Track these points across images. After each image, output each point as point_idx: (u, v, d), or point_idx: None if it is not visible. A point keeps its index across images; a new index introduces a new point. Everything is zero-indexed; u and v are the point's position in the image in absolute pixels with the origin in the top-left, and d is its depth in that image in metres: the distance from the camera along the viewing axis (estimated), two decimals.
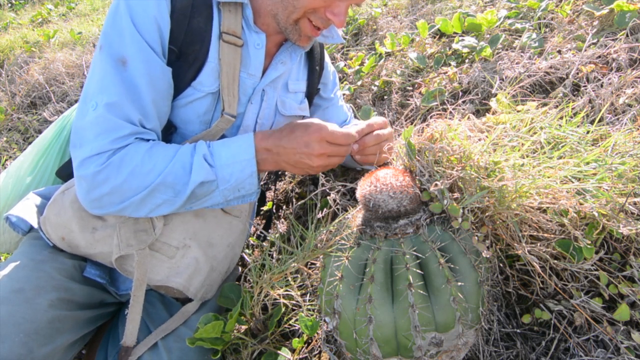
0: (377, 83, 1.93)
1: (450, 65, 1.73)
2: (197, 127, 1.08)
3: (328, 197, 1.46)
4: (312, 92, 1.31)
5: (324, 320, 0.87)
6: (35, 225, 1.10)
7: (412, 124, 1.61)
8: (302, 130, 0.97)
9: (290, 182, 1.74)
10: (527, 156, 0.87)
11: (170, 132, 1.08)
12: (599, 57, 1.38)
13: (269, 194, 1.70)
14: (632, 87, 1.21)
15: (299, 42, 1.07)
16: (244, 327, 1.11)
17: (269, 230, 1.57)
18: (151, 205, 0.95)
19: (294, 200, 1.66)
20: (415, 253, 0.77)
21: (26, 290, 0.96)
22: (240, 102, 1.10)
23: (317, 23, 1.01)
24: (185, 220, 1.06)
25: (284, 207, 1.70)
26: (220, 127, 1.07)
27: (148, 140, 0.96)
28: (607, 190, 0.81)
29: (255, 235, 1.57)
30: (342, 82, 2.10)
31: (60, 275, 1.03)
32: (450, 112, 1.45)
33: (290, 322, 1.10)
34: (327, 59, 1.37)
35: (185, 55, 1.00)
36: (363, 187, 0.82)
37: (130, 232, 1.02)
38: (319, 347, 1.05)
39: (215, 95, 1.06)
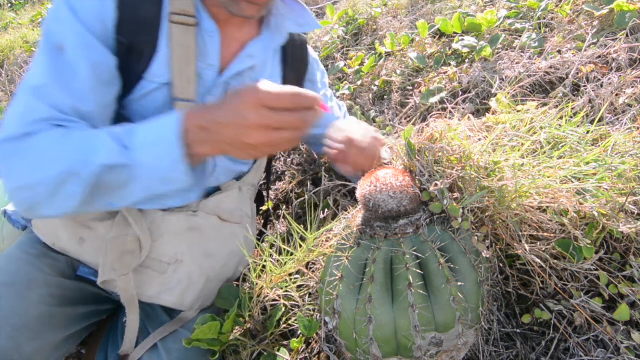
0: (377, 83, 1.93)
1: (450, 65, 1.73)
2: None
3: (328, 198, 1.46)
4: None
5: (324, 320, 0.87)
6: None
7: (412, 123, 1.61)
8: (237, 95, 0.74)
9: (290, 182, 1.74)
10: (527, 156, 0.87)
11: None
12: (599, 57, 1.38)
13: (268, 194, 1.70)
14: (632, 87, 1.21)
15: (242, 10, 0.92)
16: (243, 328, 1.11)
17: (267, 227, 1.57)
18: (61, 201, 0.79)
19: (293, 200, 1.66)
20: (415, 253, 0.77)
21: (17, 284, 0.95)
22: (199, 93, 0.99)
23: None
24: (178, 235, 1.02)
25: (284, 207, 1.70)
26: None
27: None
28: (607, 190, 0.81)
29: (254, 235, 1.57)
30: (342, 82, 2.10)
31: (52, 271, 1.02)
32: (450, 112, 1.45)
33: (290, 323, 1.10)
34: (312, 55, 1.27)
35: (136, 46, 0.93)
36: (363, 187, 0.82)
37: (116, 253, 0.97)
38: (319, 347, 1.05)
39: (170, 86, 0.97)
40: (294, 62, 1.18)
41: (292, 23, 1.08)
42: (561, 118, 0.98)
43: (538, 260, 0.82)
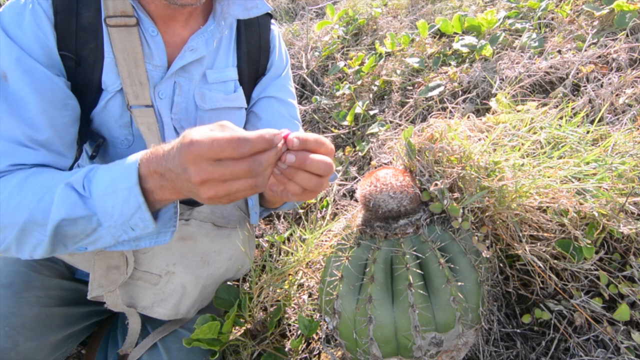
0: (377, 83, 1.93)
1: (450, 65, 1.73)
2: (119, 133, 0.97)
3: (328, 198, 1.46)
4: (251, 81, 1.11)
5: (324, 320, 0.87)
6: None
7: (412, 123, 1.61)
8: (177, 146, 0.66)
9: None
10: (527, 156, 0.87)
11: (98, 144, 0.98)
12: (599, 57, 1.38)
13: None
14: (632, 87, 1.21)
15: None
16: (243, 328, 1.11)
17: (267, 227, 1.57)
18: (29, 246, 0.79)
19: None
20: (415, 253, 0.77)
21: (15, 285, 0.95)
22: (152, 96, 0.96)
23: None
24: (169, 246, 0.99)
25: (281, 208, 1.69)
26: (144, 122, 0.94)
27: (29, 166, 0.83)
28: (607, 190, 0.81)
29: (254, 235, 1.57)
30: (342, 82, 2.10)
31: (50, 272, 1.02)
32: (450, 112, 1.45)
33: (290, 323, 1.10)
34: (275, 42, 1.15)
35: (84, 58, 0.90)
36: (363, 187, 0.82)
37: (103, 268, 0.96)
38: (319, 347, 1.05)
39: (123, 92, 0.93)
40: (249, 49, 1.09)
41: (238, 8, 1.02)
42: (561, 118, 0.98)
43: (538, 261, 0.82)
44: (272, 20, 1.15)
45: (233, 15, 1.02)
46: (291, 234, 1.42)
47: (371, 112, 1.83)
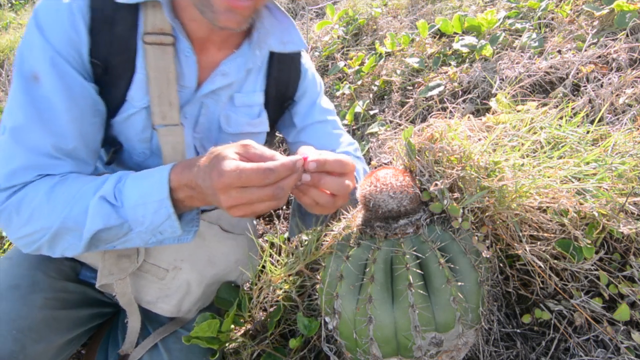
0: (377, 83, 1.93)
1: (450, 65, 1.73)
2: (138, 145, 0.98)
3: None
4: (277, 105, 1.12)
5: (324, 320, 0.87)
6: None
7: (412, 123, 1.61)
8: (207, 170, 0.73)
9: None
10: (527, 156, 0.87)
11: (116, 150, 0.99)
12: (599, 57, 1.38)
13: None
14: (632, 87, 1.21)
15: (220, 21, 0.84)
16: (243, 328, 1.11)
17: (268, 227, 1.57)
18: (61, 248, 0.85)
19: (294, 200, 1.66)
20: (415, 253, 0.77)
21: (22, 287, 0.95)
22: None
23: None
24: None
25: (284, 207, 1.70)
26: (169, 141, 0.95)
27: (56, 174, 0.86)
28: (607, 190, 0.81)
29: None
30: (342, 82, 2.10)
31: (56, 274, 1.02)
32: (450, 112, 1.46)
33: (290, 323, 1.10)
34: (306, 66, 1.16)
35: (112, 68, 0.90)
36: (363, 187, 0.82)
37: (113, 257, 0.97)
38: (319, 347, 1.05)
39: (149, 110, 0.94)
40: (279, 76, 1.09)
41: (275, 40, 1.01)
42: (561, 118, 0.98)
43: (538, 261, 0.82)
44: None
45: (268, 46, 1.02)
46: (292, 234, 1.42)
47: (371, 112, 1.83)
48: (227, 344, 1.05)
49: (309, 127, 1.17)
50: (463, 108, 1.47)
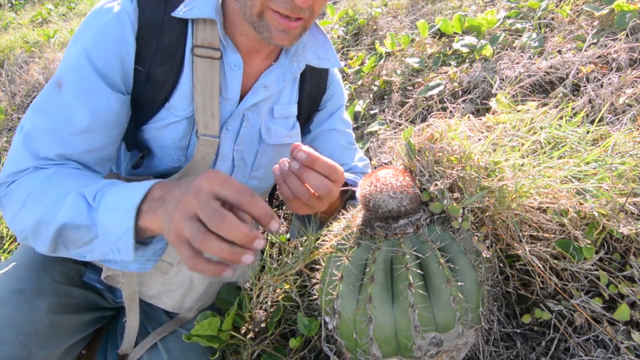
0: (377, 83, 1.93)
1: (450, 65, 1.73)
2: (173, 152, 1.00)
3: None
4: (306, 116, 1.17)
5: (324, 320, 0.87)
6: None
7: (412, 123, 1.61)
8: (193, 179, 0.68)
9: None
10: (527, 156, 0.87)
11: (143, 155, 0.99)
12: (599, 57, 1.38)
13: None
14: (632, 87, 1.21)
15: (274, 39, 0.88)
16: (243, 328, 1.11)
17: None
18: (40, 241, 0.82)
19: None
20: (415, 253, 0.76)
21: (27, 291, 0.95)
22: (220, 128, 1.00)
23: (279, 9, 0.84)
24: None
25: (284, 207, 1.70)
26: (203, 151, 0.97)
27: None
28: (607, 190, 0.81)
29: None
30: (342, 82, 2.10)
31: (61, 277, 1.02)
32: (450, 112, 1.46)
33: (290, 323, 1.10)
34: (334, 80, 1.19)
35: (155, 76, 0.92)
36: (363, 187, 0.82)
37: None
38: (319, 347, 1.05)
39: (191, 120, 0.96)
40: (311, 89, 1.13)
41: (312, 54, 1.05)
42: (561, 118, 0.98)
43: (538, 261, 0.82)
44: None
45: (306, 60, 1.05)
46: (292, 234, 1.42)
47: (371, 112, 1.83)
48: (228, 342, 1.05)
49: (324, 134, 1.19)
50: (463, 108, 1.47)
